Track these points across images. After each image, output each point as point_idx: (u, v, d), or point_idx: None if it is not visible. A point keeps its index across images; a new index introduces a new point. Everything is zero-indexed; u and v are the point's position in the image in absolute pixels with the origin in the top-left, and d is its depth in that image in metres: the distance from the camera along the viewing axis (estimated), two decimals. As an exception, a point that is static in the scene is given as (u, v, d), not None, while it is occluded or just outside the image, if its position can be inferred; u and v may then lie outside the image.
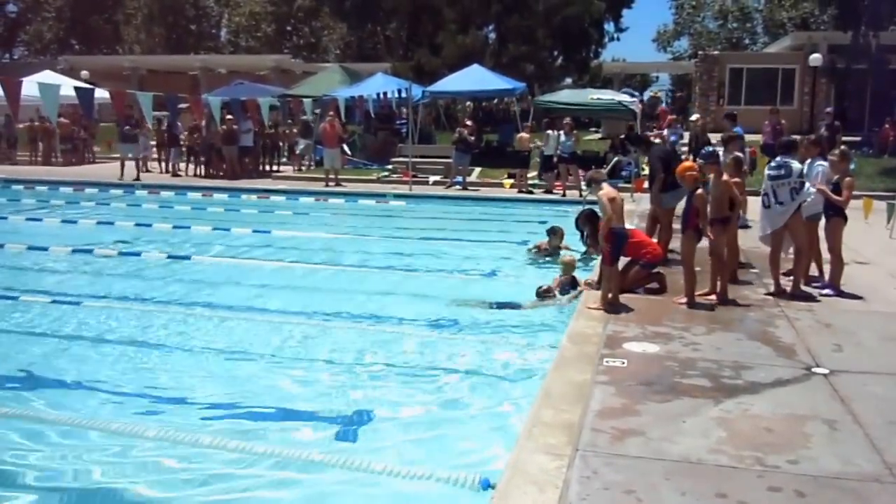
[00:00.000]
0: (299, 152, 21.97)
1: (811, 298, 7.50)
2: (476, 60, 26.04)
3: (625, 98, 20.72)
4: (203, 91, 29.21)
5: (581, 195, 13.80)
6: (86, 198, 16.81)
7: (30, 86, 14.29)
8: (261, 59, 43.65)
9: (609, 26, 39.56)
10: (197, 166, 21.13)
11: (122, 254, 10.87)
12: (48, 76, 23.84)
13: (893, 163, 20.48)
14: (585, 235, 9.49)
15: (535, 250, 10.49)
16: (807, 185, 7.54)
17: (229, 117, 19.43)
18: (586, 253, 9.79)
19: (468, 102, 25.53)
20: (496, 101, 31.99)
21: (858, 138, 23.93)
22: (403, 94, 20.66)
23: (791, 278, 7.73)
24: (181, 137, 21.12)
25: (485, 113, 31.11)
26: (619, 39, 61.21)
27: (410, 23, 37.38)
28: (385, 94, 22.34)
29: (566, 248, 10.09)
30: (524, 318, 7.75)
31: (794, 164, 7.50)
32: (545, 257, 10.18)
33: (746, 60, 34.49)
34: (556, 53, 35.72)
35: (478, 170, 19.63)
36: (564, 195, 16.24)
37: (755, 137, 16.03)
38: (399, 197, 16.63)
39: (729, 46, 51.71)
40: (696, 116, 18.65)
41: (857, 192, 8.42)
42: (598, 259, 8.04)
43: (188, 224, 13.15)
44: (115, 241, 11.65)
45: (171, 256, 10.69)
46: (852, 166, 8.95)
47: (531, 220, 13.38)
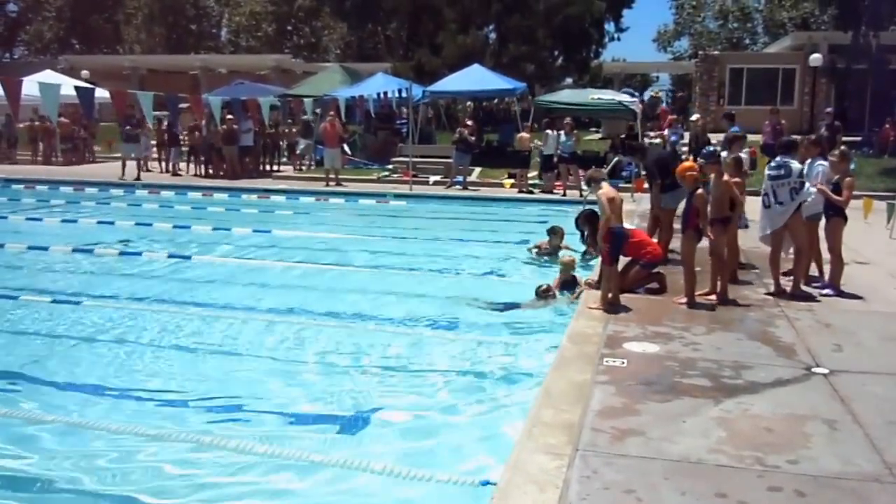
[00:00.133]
0: (300, 152, 21.96)
1: (811, 298, 7.50)
2: (476, 60, 26.02)
3: (625, 98, 20.69)
4: (203, 91, 29.22)
5: (581, 195, 13.80)
6: (86, 197, 16.81)
7: (30, 85, 14.34)
8: (261, 59, 43.62)
9: (609, 26, 39.62)
10: (197, 166, 21.15)
11: (122, 253, 10.87)
12: (48, 76, 23.90)
13: (893, 163, 20.46)
14: (585, 235, 9.50)
15: (536, 250, 10.49)
16: (807, 185, 7.55)
17: (230, 117, 19.43)
18: (586, 253, 9.80)
19: (468, 102, 25.50)
20: (496, 101, 31.98)
21: (859, 138, 23.90)
22: (404, 94, 20.67)
23: (791, 278, 7.74)
24: (181, 137, 21.14)
25: (485, 113, 31.09)
26: (619, 39, 61.56)
27: (411, 23, 37.37)
28: (385, 93, 22.35)
29: (566, 247, 10.09)
30: (524, 317, 7.76)
31: (794, 165, 7.50)
32: (545, 257, 10.18)
33: (747, 60, 34.49)
34: (556, 53, 35.70)
35: (478, 170, 19.62)
36: (564, 195, 16.25)
37: (755, 137, 16.04)
38: (399, 197, 16.63)
39: (729, 46, 51.72)
40: (696, 116, 18.67)
41: (857, 192, 8.43)
42: (599, 259, 8.04)
43: (188, 224, 13.15)
44: (116, 241, 11.64)
45: (171, 256, 10.69)
46: (852, 166, 8.96)
47: (531, 220, 13.39)
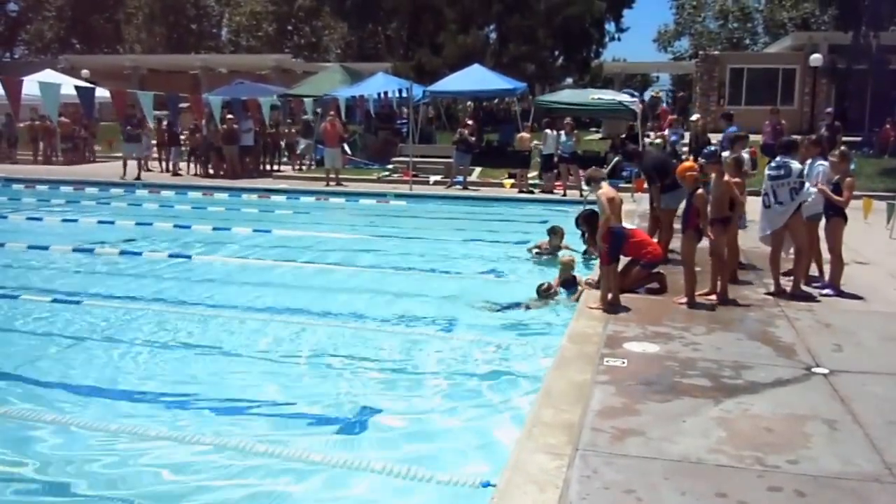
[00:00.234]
0: (300, 152, 21.96)
1: (811, 298, 7.50)
2: (477, 60, 26.01)
3: (625, 98, 20.68)
4: (204, 90, 29.20)
5: (581, 195, 13.81)
6: (86, 197, 16.81)
7: (30, 85, 14.33)
8: (261, 59, 43.61)
9: (610, 26, 39.62)
10: (197, 166, 21.15)
11: (122, 253, 10.87)
12: (49, 75, 23.89)
13: (893, 163, 20.46)
14: (585, 235, 9.50)
15: (536, 250, 10.50)
16: (807, 186, 7.55)
17: (230, 117, 19.43)
18: (586, 253, 9.80)
19: (469, 102, 25.46)
20: (497, 100, 31.98)
21: (859, 138, 23.88)
22: (404, 94, 20.67)
23: (791, 278, 7.74)
24: (182, 137, 21.13)
25: (485, 113, 31.08)
26: (619, 39, 61.51)
27: (411, 22, 37.35)
28: (386, 93, 22.33)
29: (566, 247, 10.09)
30: (524, 317, 7.76)
31: (794, 165, 7.51)
32: (545, 257, 10.18)
33: (747, 60, 34.47)
34: (556, 53, 35.67)
35: (478, 170, 19.62)
36: (565, 195, 16.25)
37: (755, 137, 16.02)
38: (399, 197, 16.64)
39: (729, 46, 51.70)
40: (696, 116, 18.68)
41: (857, 193, 8.43)
42: (599, 259, 8.04)
43: (189, 223, 13.16)
44: (116, 241, 11.64)
45: (171, 255, 10.69)
46: (852, 166, 8.96)
47: (531, 220, 13.39)
